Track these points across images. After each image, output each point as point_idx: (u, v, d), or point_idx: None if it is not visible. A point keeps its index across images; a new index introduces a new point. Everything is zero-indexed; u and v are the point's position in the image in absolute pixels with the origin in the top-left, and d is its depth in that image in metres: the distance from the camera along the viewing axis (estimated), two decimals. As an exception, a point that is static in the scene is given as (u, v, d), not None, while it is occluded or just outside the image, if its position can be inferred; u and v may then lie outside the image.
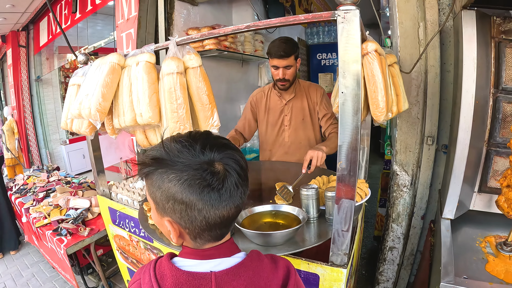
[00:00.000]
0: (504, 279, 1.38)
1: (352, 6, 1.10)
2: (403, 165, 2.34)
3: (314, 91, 2.48)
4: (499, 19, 1.63)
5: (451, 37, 2.11)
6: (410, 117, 2.25)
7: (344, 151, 1.16)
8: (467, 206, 1.82)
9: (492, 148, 1.73)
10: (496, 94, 1.67)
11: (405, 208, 2.40)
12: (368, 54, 1.27)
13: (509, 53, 1.62)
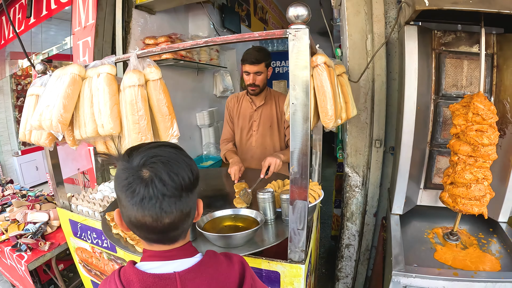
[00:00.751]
0: (452, 265, 1.60)
1: (303, 25, 1.26)
2: (354, 167, 2.55)
3: (283, 100, 2.65)
4: (440, 33, 1.86)
5: (397, 48, 2.34)
6: (359, 123, 2.47)
7: (295, 156, 1.31)
8: (414, 202, 2.04)
9: (435, 148, 1.96)
10: (437, 100, 1.90)
11: (358, 207, 2.61)
12: (317, 66, 1.42)
13: (449, 62, 1.85)
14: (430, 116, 1.92)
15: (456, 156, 1.62)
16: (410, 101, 1.74)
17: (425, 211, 2.05)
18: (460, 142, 1.61)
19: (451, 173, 1.67)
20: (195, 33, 4.33)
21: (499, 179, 1.80)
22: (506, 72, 1.78)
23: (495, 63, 1.84)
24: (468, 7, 1.35)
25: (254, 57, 2.46)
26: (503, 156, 1.78)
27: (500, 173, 1.80)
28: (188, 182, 0.85)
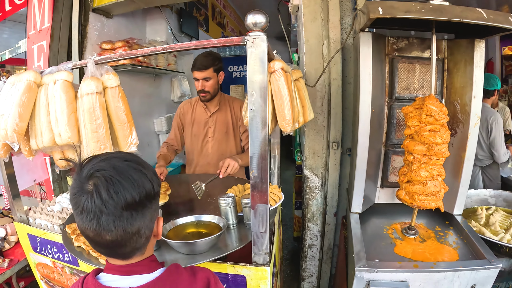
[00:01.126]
0: (412, 257, 1.70)
1: (260, 32, 1.31)
2: (313, 169, 2.64)
3: (238, 105, 2.70)
4: (393, 39, 1.97)
5: (352, 53, 2.45)
6: (316, 126, 2.56)
7: (255, 161, 1.36)
8: (372, 200, 2.15)
9: (390, 148, 2.08)
10: (391, 103, 2.01)
11: (318, 208, 2.71)
12: (275, 72, 1.48)
13: (402, 67, 1.97)
14: (384, 118, 2.03)
15: (411, 155, 1.72)
16: (365, 104, 1.82)
17: (383, 208, 2.16)
18: (414, 142, 1.70)
19: (407, 172, 1.76)
20: (152, 38, 4.31)
21: (453, 175, 1.94)
22: (456, 75, 1.92)
23: (446, 67, 1.97)
24: (420, 16, 1.44)
25: (201, 63, 2.47)
26: (455, 153, 1.92)
27: (453, 169, 1.94)
28: (132, 201, 0.82)
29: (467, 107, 1.84)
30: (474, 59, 1.78)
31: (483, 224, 2.29)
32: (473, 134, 1.84)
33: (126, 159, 0.89)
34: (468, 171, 1.90)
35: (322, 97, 2.52)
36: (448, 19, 1.44)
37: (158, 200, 0.94)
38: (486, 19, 1.45)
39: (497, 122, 3.04)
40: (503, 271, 2.09)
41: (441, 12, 1.45)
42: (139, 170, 0.87)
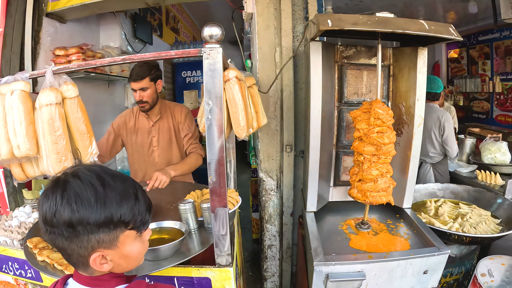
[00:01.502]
0: (366, 249, 1.83)
1: (216, 44, 1.39)
2: (268, 171, 2.74)
3: (178, 111, 2.71)
4: (342, 47, 2.10)
5: (303, 60, 2.58)
6: (270, 130, 2.66)
7: (213, 167, 1.44)
8: (326, 199, 2.28)
9: (340, 149, 2.21)
10: (340, 107, 2.15)
11: (275, 209, 2.82)
12: (229, 80, 1.56)
13: (350, 73, 2.11)
14: (334, 121, 2.16)
15: (362, 156, 1.85)
16: (315, 109, 1.92)
17: (337, 206, 2.30)
18: (364, 143, 1.83)
19: (358, 171, 1.89)
20: (106, 44, 4.23)
21: (400, 172, 2.11)
22: (401, 80, 2.08)
23: (392, 73, 2.14)
24: (366, 28, 1.55)
25: (137, 73, 2.44)
26: (402, 152, 2.09)
27: (400, 166, 2.11)
28: (65, 223, 0.81)
29: (411, 109, 2.00)
30: (418, 65, 1.94)
31: (432, 215, 2.49)
32: (418, 134, 2.00)
33: (78, 176, 0.85)
34: (414, 167, 2.06)
35: (275, 103, 2.62)
36: (392, 31, 1.56)
37: (111, 233, 0.86)
38: (428, 30, 1.60)
39: (449, 121, 3.28)
40: (454, 257, 2.33)
41: (385, 24, 1.57)
42: (81, 190, 0.83)
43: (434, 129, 3.32)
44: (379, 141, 1.79)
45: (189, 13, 7.38)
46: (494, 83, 6.70)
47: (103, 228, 0.83)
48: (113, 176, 0.89)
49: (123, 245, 0.89)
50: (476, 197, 2.77)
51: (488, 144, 3.54)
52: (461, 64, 7.66)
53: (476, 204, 2.68)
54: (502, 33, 6.54)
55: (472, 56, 7.31)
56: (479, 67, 7.17)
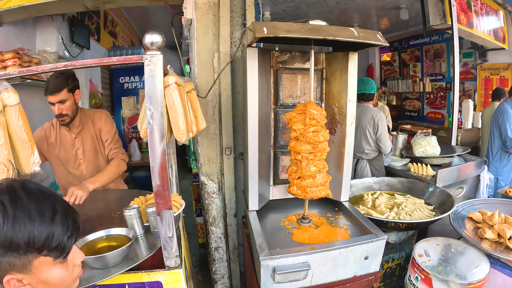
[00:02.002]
0: (309, 242, 1.95)
1: (157, 52, 1.44)
2: (209, 175, 2.80)
3: (98, 117, 2.61)
4: (278, 53, 2.22)
5: (240, 65, 2.67)
6: (209, 134, 2.73)
7: (156, 170, 1.48)
8: (267, 197, 2.39)
9: (278, 150, 2.34)
10: (276, 109, 2.28)
11: (218, 211, 2.88)
12: (169, 86, 1.59)
13: (285, 77, 2.25)
14: (271, 123, 2.29)
15: (299, 155, 1.97)
16: (252, 112, 2.02)
17: (278, 203, 2.42)
18: (300, 143, 1.95)
19: (297, 169, 2.01)
20: (42, 48, 4.05)
21: (336, 168, 2.27)
22: (333, 83, 2.25)
23: (325, 76, 2.30)
24: (299, 35, 1.66)
25: (53, 85, 2.30)
26: (337, 149, 2.25)
27: (336, 163, 2.27)
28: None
29: (343, 109, 2.16)
30: (349, 68, 2.10)
31: (370, 207, 2.69)
32: (350, 132, 2.17)
33: (16, 203, 0.78)
34: (348, 163, 2.24)
35: (214, 107, 2.68)
36: (324, 38, 1.68)
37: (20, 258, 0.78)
38: (357, 37, 1.74)
39: (382, 120, 3.51)
40: (394, 244, 2.52)
41: (317, 32, 1.69)
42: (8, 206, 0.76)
43: (369, 127, 3.54)
44: (315, 139, 1.92)
45: (128, 17, 7.20)
46: (424, 83, 7.28)
47: (10, 251, 0.76)
48: (31, 195, 0.80)
49: (38, 271, 0.81)
50: (410, 188, 3.02)
51: (418, 139, 3.85)
52: (394, 66, 8.24)
53: (410, 194, 2.94)
54: (431, 38, 7.12)
55: (404, 59, 7.89)
56: (410, 69, 7.75)
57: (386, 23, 7.09)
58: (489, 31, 5.48)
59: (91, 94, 5.01)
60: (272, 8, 5.78)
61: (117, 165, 2.49)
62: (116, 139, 2.63)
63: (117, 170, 2.46)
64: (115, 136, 2.63)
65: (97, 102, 5.09)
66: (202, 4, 2.60)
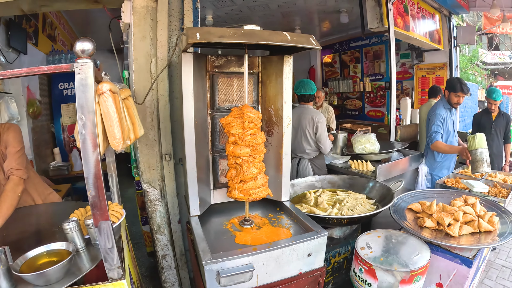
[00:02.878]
0: (251, 243, 1.99)
1: (88, 59, 1.43)
2: (150, 182, 2.79)
3: (4, 130, 2.40)
4: (213, 57, 2.26)
5: (178, 70, 2.65)
6: (148, 140, 2.73)
7: (91, 181, 1.47)
8: (209, 202, 2.42)
9: (216, 154, 2.39)
10: (213, 113, 2.32)
11: (162, 219, 2.88)
12: (103, 93, 1.58)
13: (221, 82, 2.29)
14: (208, 127, 2.33)
15: (239, 158, 2.02)
16: (188, 117, 2.04)
17: (221, 207, 2.46)
18: (239, 146, 2.00)
19: (238, 173, 2.06)
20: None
21: (276, 169, 2.35)
22: (269, 86, 2.33)
23: (261, 79, 2.37)
24: (232, 40, 1.70)
25: None
26: (275, 151, 2.33)
27: (275, 164, 2.35)
28: None
29: (280, 111, 2.24)
30: (284, 71, 2.18)
31: (313, 204, 2.80)
32: (287, 133, 2.26)
33: None
34: (287, 163, 2.32)
35: (152, 113, 2.69)
36: (256, 42, 1.73)
37: None
38: (290, 41, 1.80)
39: (321, 121, 3.67)
40: (339, 239, 2.65)
41: (250, 36, 1.74)
42: None
43: (309, 128, 3.68)
44: (254, 142, 1.99)
45: (68, 19, 6.92)
46: (364, 83, 7.68)
47: None
48: None
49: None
50: (351, 184, 3.19)
51: (358, 137, 4.06)
52: (335, 67, 8.64)
53: (352, 190, 3.10)
54: (371, 40, 7.52)
55: (344, 61, 8.28)
56: (351, 70, 8.15)
57: (327, 26, 7.40)
58: (425, 34, 5.89)
59: (28, 102, 4.76)
60: (214, 11, 5.85)
61: (12, 189, 2.25)
62: (18, 156, 2.35)
63: (15, 196, 2.24)
64: (17, 153, 2.36)
65: (35, 111, 4.86)
66: (140, 8, 2.59)
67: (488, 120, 4.77)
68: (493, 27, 7.84)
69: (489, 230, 2.37)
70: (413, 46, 6.85)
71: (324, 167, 3.91)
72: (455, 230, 2.33)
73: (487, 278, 3.69)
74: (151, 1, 2.63)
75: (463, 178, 3.63)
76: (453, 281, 2.31)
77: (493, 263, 4.03)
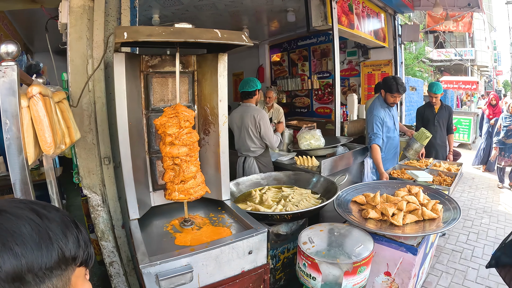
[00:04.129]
0: (190, 244, 2.00)
1: (12, 62, 1.41)
2: (91, 187, 2.74)
3: None
4: (148, 57, 2.26)
5: None
6: (86, 144, 2.67)
7: (18, 187, 1.46)
8: (149, 204, 2.41)
9: (153, 155, 2.39)
10: (148, 114, 2.32)
11: (106, 225, 2.83)
12: (33, 97, 1.57)
13: (155, 81, 2.30)
14: (144, 128, 2.31)
15: (178, 159, 2.04)
16: (121, 118, 2.03)
17: (162, 209, 2.45)
18: (177, 146, 2.02)
19: (177, 174, 2.07)
20: None
21: (215, 169, 2.40)
22: (205, 85, 2.36)
23: (196, 78, 2.40)
24: (161, 38, 1.71)
25: None
26: (213, 150, 2.38)
27: (214, 163, 2.40)
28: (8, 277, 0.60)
29: (215, 110, 2.29)
30: (218, 69, 2.22)
31: (258, 202, 2.88)
32: (224, 132, 2.31)
33: (39, 214, 0.69)
34: (225, 162, 2.36)
35: (89, 116, 2.63)
36: (184, 40, 1.75)
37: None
38: (220, 38, 1.83)
39: (263, 119, 3.74)
40: (286, 235, 2.73)
41: (179, 34, 1.76)
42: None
43: (251, 126, 3.75)
44: (190, 140, 2.03)
45: (12, 21, 6.65)
46: (312, 81, 7.93)
47: (56, 270, 0.66)
48: (42, 205, 0.73)
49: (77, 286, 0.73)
50: (296, 179, 3.31)
51: (303, 133, 4.20)
52: (283, 66, 8.86)
53: (297, 185, 3.22)
54: (318, 39, 7.77)
55: (293, 59, 8.51)
56: (299, 68, 8.39)
57: (276, 25, 7.56)
58: (370, 32, 6.17)
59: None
60: (161, 11, 5.83)
61: None
62: None
63: None
64: None
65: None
66: (77, 8, 2.54)
67: (431, 113, 5.01)
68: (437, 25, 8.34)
69: (433, 218, 2.52)
70: (359, 44, 7.15)
71: (270, 165, 4.00)
72: (399, 219, 2.45)
73: (438, 263, 3.90)
74: (88, 1, 2.59)
75: (408, 169, 3.84)
76: (400, 269, 2.43)
77: (444, 248, 4.28)
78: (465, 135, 11.53)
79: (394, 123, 4.18)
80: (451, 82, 15.69)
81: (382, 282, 2.55)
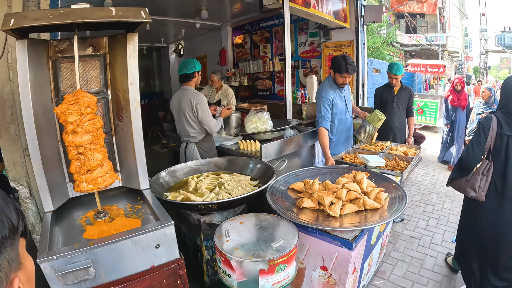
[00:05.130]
0: (98, 237, 1.88)
1: None
2: (17, 179, 2.63)
3: None
4: (56, 42, 2.08)
5: None
6: (10, 136, 2.55)
7: None
8: (67, 195, 2.26)
9: None
10: (58, 101, 2.12)
11: (35, 218, 2.72)
12: None
13: (65, 67, 2.12)
14: (55, 116, 2.13)
15: (82, 147, 1.90)
16: (26, 107, 1.88)
17: (81, 200, 2.30)
18: (79, 134, 1.87)
19: (83, 163, 1.93)
20: None
21: (131, 157, 2.25)
22: (116, 67, 2.19)
23: (108, 61, 2.22)
24: (48, 22, 1.58)
25: None
26: (127, 137, 2.23)
27: (129, 151, 2.25)
28: None
29: (126, 94, 2.12)
30: (128, 50, 2.06)
31: (192, 190, 2.73)
32: (136, 117, 2.15)
33: None
34: (140, 148, 2.21)
35: (11, 106, 2.52)
36: (71, 21, 1.62)
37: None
38: (113, 16, 1.71)
39: (201, 102, 3.56)
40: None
41: (67, 16, 1.62)
42: None
43: (188, 111, 3.58)
44: (93, 127, 1.89)
45: None
46: (274, 63, 7.76)
47: (8, 240, 0.67)
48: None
49: (24, 259, 0.73)
50: (237, 165, 3.16)
51: (250, 116, 4.04)
52: (245, 48, 8.67)
53: (237, 171, 3.07)
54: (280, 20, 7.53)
55: (255, 41, 8.32)
56: (261, 50, 8.22)
57: (238, 7, 7.32)
58: (329, 11, 5.97)
59: None
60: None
61: None
62: None
63: None
64: None
65: None
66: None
67: (390, 94, 4.82)
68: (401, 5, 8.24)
69: (375, 208, 2.27)
70: (321, 25, 6.99)
71: (212, 149, 3.85)
72: (336, 210, 2.20)
73: (394, 250, 3.73)
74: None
75: (362, 153, 3.63)
76: (337, 264, 2.21)
77: (401, 234, 4.11)
78: (432, 118, 11.57)
79: (346, 104, 3.95)
80: (418, 65, 15.78)
81: (319, 276, 2.34)
